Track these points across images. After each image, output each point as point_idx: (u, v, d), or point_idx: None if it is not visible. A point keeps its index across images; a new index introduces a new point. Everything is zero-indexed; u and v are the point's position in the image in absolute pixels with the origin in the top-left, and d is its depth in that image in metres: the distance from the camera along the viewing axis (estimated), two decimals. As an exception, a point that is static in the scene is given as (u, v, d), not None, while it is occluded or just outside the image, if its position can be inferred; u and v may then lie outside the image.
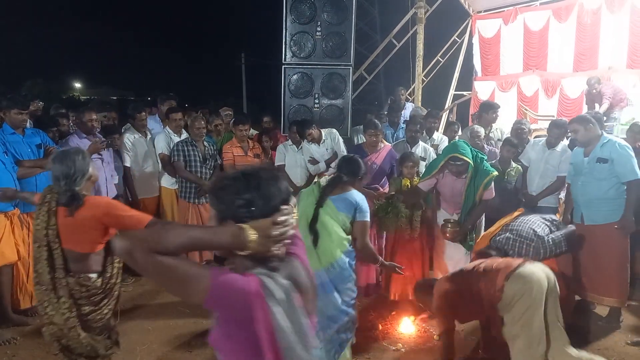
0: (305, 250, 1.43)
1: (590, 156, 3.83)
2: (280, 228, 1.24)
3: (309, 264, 1.42)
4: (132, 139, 5.06)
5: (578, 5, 9.08)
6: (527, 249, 3.45)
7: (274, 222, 1.23)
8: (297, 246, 1.40)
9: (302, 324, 1.25)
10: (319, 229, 2.86)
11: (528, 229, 3.53)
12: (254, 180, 1.29)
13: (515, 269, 2.83)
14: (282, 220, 1.24)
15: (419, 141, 5.17)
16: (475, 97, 10.10)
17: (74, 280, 2.49)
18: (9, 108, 3.89)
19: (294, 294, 1.25)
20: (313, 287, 1.39)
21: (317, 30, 5.85)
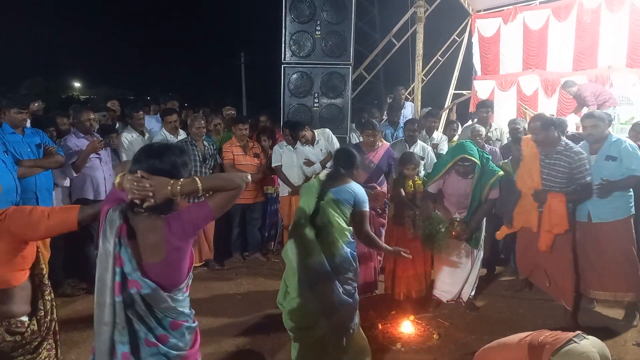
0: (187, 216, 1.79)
1: (599, 154, 3.82)
2: (132, 185, 1.71)
3: (176, 229, 1.76)
4: (129, 138, 5.06)
5: (578, 4, 9.07)
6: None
7: (128, 178, 1.73)
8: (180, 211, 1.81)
9: (108, 249, 1.72)
10: (320, 221, 2.93)
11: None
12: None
13: (563, 345, 2.41)
14: (132, 179, 1.72)
15: (417, 140, 5.17)
16: (474, 97, 10.09)
17: (2, 330, 1.94)
18: (9, 107, 3.89)
19: (115, 226, 1.71)
20: (157, 241, 1.75)
21: (316, 29, 5.85)
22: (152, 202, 1.70)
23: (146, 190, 1.69)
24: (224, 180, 1.85)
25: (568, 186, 3.77)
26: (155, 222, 1.75)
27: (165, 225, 1.73)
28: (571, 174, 3.72)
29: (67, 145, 4.38)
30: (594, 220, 3.85)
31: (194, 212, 1.79)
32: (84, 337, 3.64)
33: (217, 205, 1.80)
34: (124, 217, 1.74)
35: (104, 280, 1.71)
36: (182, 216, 1.76)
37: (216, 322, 3.93)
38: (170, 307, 1.81)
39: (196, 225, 1.80)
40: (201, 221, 1.82)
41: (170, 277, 1.80)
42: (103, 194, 4.53)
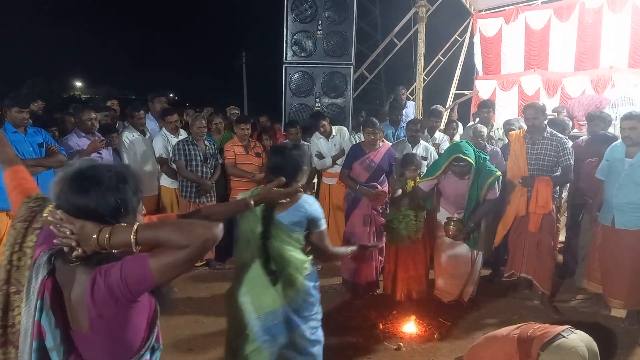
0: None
1: (635, 159, 3.69)
2: (55, 226, 1.28)
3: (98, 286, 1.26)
4: (130, 137, 5.06)
5: (579, 4, 9.06)
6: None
7: (50, 216, 1.29)
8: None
9: (27, 313, 1.28)
10: (274, 264, 2.43)
11: None
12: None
13: (552, 339, 2.40)
14: (53, 220, 1.28)
15: (420, 140, 5.17)
16: (476, 96, 10.08)
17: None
18: (10, 107, 3.89)
19: (36, 284, 1.28)
20: (82, 302, 1.27)
21: (318, 29, 5.86)
22: (78, 252, 1.26)
23: (68, 238, 1.25)
24: (171, 232, 1.22)
25: (553, 171, 4.11)
26: (82, 276, 1.28)
27: (89, 281, 1.25)
28: (557, 157, 4.07)
29: (68, 145, 4.38)
30: (617, 227, 3.79)
31: (129, 268, 1.24)
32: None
33: (160, 267, 1.22)
34: (51, 267, 1.30)
35: (23, 354, 1.28)
36: (112, 273, 1.24)
37: (217, 322, 3.93)
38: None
39: (128, 289, 1.24)
40: (135, 284, 1.24)
41: (108, 351, 1.31)
42: None
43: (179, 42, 46.29)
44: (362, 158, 4.57)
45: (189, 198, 5.04)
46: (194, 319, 3.98)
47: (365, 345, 3.59)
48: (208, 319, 3.98)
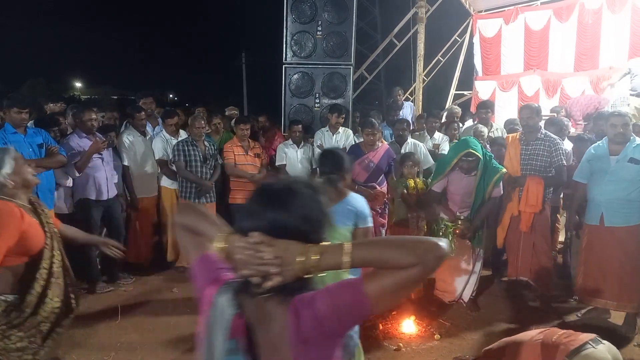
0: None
1: (621, 155, 3.71)
2: (243, 254, 1.08)
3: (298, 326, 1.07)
4: (130, 138, 5.06)
5: (579, 5, 9.06)
6: None
7: (238, 243, 1.11)
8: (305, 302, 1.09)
9: (213, 344, 1.14)
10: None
11: None
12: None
13: (580, 347, 2.25)
14: (243, 246, 1.09)
15: (407, 139, 5.18)
16: (475, 97, 10.08)
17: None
18: (9, 107, 3.89)
19: (226, 323, 1.12)
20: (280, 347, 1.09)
21: (317, 29, 5.86)
22: (277, 280, 1.06)
23: (267, 265, 1.05)
24: (395, 250, 1.03)
25: (547, 171, 4.17)
26: (277, 309, 1.10)
27: (291, 315, 1.07)
28: (550, 158, 4.15)
29: (70, 145, 4.38)
30: (606, 224, 3.78)
31: (341, 297, 1.06)
32: (84, 337, 3.65)
33: (379, 291, 1.04)
34: (238, 304, 1.13)
35: None
36: (319, 303, 1.06)
37: (217, 322, 3.93)
38: None
39: (339, 321, 1.07)
40: (347, 314, 1.06)
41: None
42: (105, 193, 4.54)
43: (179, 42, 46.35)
44: (361, 158, 4.57)
45: (188, 198, 5.04)
46: (193, 320, 3.94)
47: (365, 345, 3.56)
48: (208, 319, 3.98)
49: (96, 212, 4.54)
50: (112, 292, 4.55)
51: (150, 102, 5.83)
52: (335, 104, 5.73)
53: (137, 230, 5.09)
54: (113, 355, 3.39)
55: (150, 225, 5.26)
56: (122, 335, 3.70)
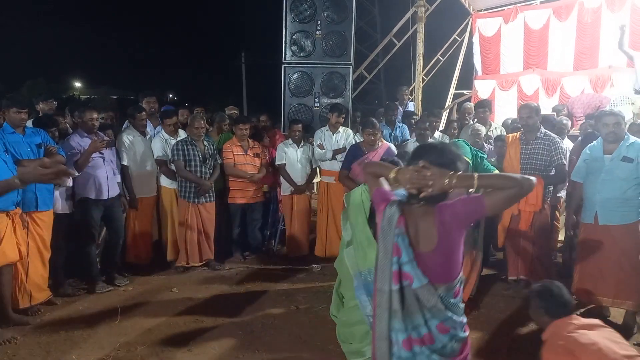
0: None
1: (615, 154, 3.73)
2: (411, 175, 1.78)
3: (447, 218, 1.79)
4: (130, 138, 5.05)
5: (578, 4, 9.06)
6: None
7: (409, 169, 1.81)
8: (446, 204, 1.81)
9: (387, 239, 1.84)
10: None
11: None
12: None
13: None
14: (413, 169, 1.78)
15: (429, 139, 5.18)
16: (475, 96, 10.07)
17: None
18: (8, 107, 3.88)
19: (394, 219, 1.83)
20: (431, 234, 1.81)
21: (317, 29, 5.86)
22: (429, 191, 1.73)
23: (426, 180, 1.73)
24: (504, 179, 1.75)
25: (547, 170, 4.20)
26: (427, 210, 1.80)
27: (437, 213, 1.78)
28: (550, 157, 4.18)
29: (70, 145, 4.38)
30: (600, 222, 3.78)
31: (468, 204, 1.77)
32: (85, 337, 3.65)
33: (493, 204, 1.73)
34: (400, 210, 1.85)
35: (384, 269, 1.84)
36: (455, 206, 1.78)
37: (217, 322, 3.93)
38: (439, 309, 1.79)
39: (467, 218, 1.80)
40: (473, 215, 1.81)
41: (441, 268, 1.80)
42: (105, 193, 4.53)
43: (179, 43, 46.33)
44: (361, 158, 4.57)
45: (188, 198, 5.04)
46: (193, 319, 3.97)
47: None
48: (207, 319, 3.98)
49: (96, 211, 4.53)
50: (111, 292, 4.55)
51: (154, 102, 5.83)
52: (335, 103, 5.73)
53: (137, 230, 5.08)
54: (113, 355, 3.39)
55: (150, 225, 5.26)
56: (122, 335, 3.70)
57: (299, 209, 5.54)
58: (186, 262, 5.10)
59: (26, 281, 3.93)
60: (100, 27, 47.57)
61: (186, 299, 4.41)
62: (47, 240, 4.07)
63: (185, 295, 4.51)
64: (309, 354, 3.41)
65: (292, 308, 4.24)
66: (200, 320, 3.96)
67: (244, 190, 5.41)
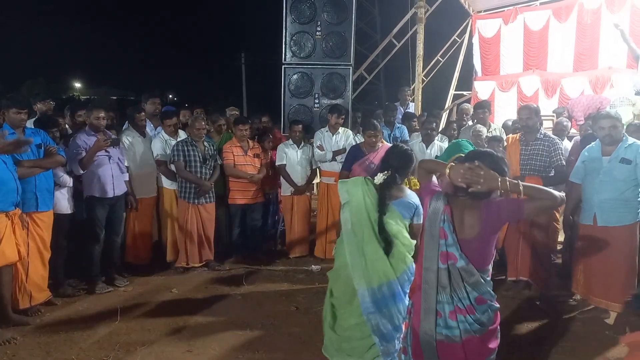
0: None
1: (613, 156, 3.74)
2: (465, 171, 1.96)
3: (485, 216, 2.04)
4: (130, 138, 5.06)
5: (578, 5, 9.07)
6: None
7: (463, 166, 1.98)
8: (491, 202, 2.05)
9: (434, 225, 2.09)
10: (385, 237, 2.70)
11: None
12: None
13: None
14: (467, 166, 1.97)
15: (434, 140, 5.19)
16: (475, 97, 10.07)
17: None
18: (8, 108, 3.88)
19: (441, 209, 2.08)
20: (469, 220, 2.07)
21: (317, 30, 5.87)
22: (478, 188, 1.95)
23: (478, 177, 1.94)
24: (544, 192, 1.97)
25: (546, 171, 4.18)
26: (474, 204, 2.04)
27: (483, 207, 2.03)
28: (549, 158, 4.17)
29: (76, 143, 4.39)
30: (599, 224, 3.79)
31: (509, 205, 2.03)
32: (84, 337, 3.65)
33: (530, 210, 1.99)
34: (447, 200, 2.10)
35: (431, 250, 2.09)
36: (500, 204, 2.03)
37: (216, 322, 3.94)
38: (479, 283, 2.06)
39: (508, 217, 2.05)
40: (511, 215, 2.04)
41: (479, 255, 2.06)
42: (110, 191, 4.54)
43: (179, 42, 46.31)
44: (362, 159, 4.58)
45: (188, 199, 5.04)
46: (192, 320, 3.97)
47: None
48: (207, 319, 3.98)
49: (101, 210, 4.54)
50: (111, 293, 4.55)
51: (158, 103, 5.84)
52: (334, 104, 5.74)
53: (137, 231, 5.09)
54: (113, 355, 3.39)
55: (150, 225, 5.26)
56: (122, 335, 3.70)
57: (299, 210, 5.55)
58: (186, 263, 5.11)
59: (26, 281, 3.93)
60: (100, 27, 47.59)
61: (186, 300, 4.41)
62: (47, 240, 4.07)
63: (185, 295, 4.51)
64: (308, 354, 3.42)
65: (292, 308, 4.25)
66: (200, 321, 3.96)
67: (244, 190, 5.41)
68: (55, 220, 4.15)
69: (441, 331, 2.09)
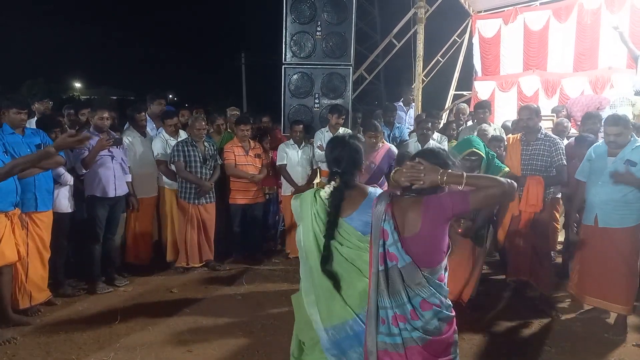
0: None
1: (618, 157, 3.69)
2: (407, 169, 1.95)
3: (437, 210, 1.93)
4: (130, 138, 5.06)
5: (578, 5, 9.08)
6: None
7: (405, 164, 1.98)
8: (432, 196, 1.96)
9: (377, 226, 2.00)
10: (337, 270, 2.19)
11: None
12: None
13: None
14: (408, 164, 1.97)
15: (430, 139, 5.19)
16: (475, 97, 10.08)
17: None
18: (8, 108, 3.88)
19: (383, 207, 2.00)
20: (414, 223, 1.95)
21: (317, 30, 5.87)
22: (421, 183, 1.91)
23: (419, 173, 1.92)
24: (489, 180, 1.90)
25: (547, 171, 4.18)
26: (416, 200, 1.97)
27: (423, 202, 1.94)
28: (551, 158, 4.16)
29: None
30: (600, 225, 3.77)
31: (453, 198, 1.92)
32: (84, 337, 3.64)
33: (477, 200, 1.88)
34: (390, 199, 2.03)
35: (375, 253, 2.01)
36: (441, 197, 1.94)
37: (216, 323, 3.94)
38: (423, 286, 1.92)
39: (452, 210, 1.91)
40: (457, 208, 1.92)
41: (424, 253, 1.94)
42: (112, 191, 4.54)
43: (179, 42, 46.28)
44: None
45: (188, 199, 5.04)
46: (192, 320, 3.97)
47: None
48: (207, 319, 3.98)
49: (101, 210, 4.54)
50: (111, 293, 4.55)
51: (164, 104, 5.85)
52: (335, 104, 5.74)
53: (137, 231, 5.08)
54: (113, 355, 3.39)
55: (150, 225, 5.26)
56: (122, 335, 3.70)
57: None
58: (186, 263, 5.11)
59: (26, 282, 3.93)
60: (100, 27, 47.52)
61: (186, 300, 4.41)
62: (47, 240, 4.07)
63: (185, 295, 4.51)
64: (308, 355, 3.41)
65: (292, 308, 4.24)
66: (200, 321, 3.96)
67: (245, 190, 5.41)
68: (56, 219, 4.15)
69: (384, 339, 1.94)
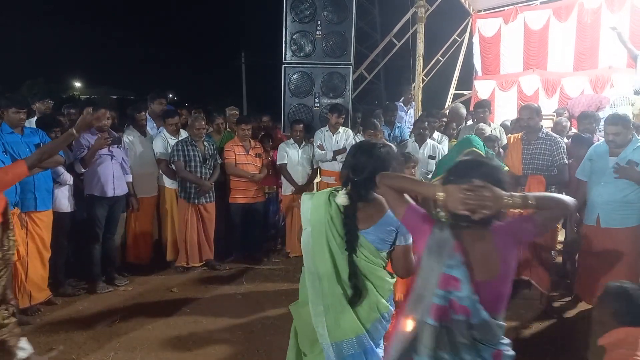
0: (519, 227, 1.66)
1: (620, 157, 3.68)
2: (466, 195, 1.56)
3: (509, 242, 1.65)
4: (130, 138, 5.05)
5: (578, 4, 9.06)
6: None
7: (462, 188, 1.57)
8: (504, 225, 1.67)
9: (433, 269, 1.63)
10: (355, 283, 2.04)
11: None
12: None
13: None
14: (467, 188, 1.57)
15: (427, 139, 5.18)
16: (475, 97, 10.07)
17: None
18: (7, 107, 3.87)
19: (448, 246, 1.62)
20: (487, 261, 1.63)
21: (317, 29, 5.86)
22: (485, 213, 1.56)
23: (484, 200, 1.55)
24: (556, 201, 1.64)
25: (548, 171, 4.18)
26: (483, 233, 1.64)
27: (494, 236, 1.63)
28: (552, 157, 4.17)
29: (80, 142, 4.39)
30: (602, 225, 3.77)
31: (520, 225, 1.66)
32: (85, 337, 3.64)
33: (543, 223, 1.65)
34: (452, 234, 1.64)
35: (427, 304, 1.66)
36: (512, 227, 1.66)
37: (216, 322, 3.93)
38: (496, 336, 1.64)
39: (520, 239, 1.68)
40: (525, 235, 1.68)
41: (498, 297, 1.64)
42: (110, 191, 4.54)
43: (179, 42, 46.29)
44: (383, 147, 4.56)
45: (188, 199, 5.04)
46: (193, 320, 3.97)
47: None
48: (207, 319, 3.98)
49: (100, 209, 4.54)
50: (111, 292, 4.55)
51: (164, 104, 5.85)
52: (335, 104, 5.74)
53: (137, 230, 5.08)
54: (113, 355, 3.39)
55: (150, 225, 5.26)
56: (122, 335, 3.70)
57: (299, 209, 5.54)
58: (186, 262, 5.10)
59: (26, 281, 3.93)
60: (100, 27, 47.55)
61: (186, 299, 4.41)
62: (47, 240, 4.07)
63: (185, 295, 4.51)
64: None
65: (292, 308, 4.24)
66: (200, 321, 3.96)
67: (245, 190, 5.41)
68: (56, 218, 4.15)
69: None
